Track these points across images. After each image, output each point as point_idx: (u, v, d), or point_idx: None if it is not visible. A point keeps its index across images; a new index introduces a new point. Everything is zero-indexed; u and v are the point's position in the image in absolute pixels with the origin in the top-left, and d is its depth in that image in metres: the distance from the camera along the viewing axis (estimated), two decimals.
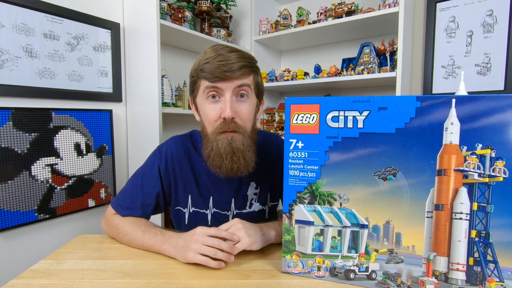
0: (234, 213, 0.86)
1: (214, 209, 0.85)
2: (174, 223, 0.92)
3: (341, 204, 0.59)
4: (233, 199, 0.85)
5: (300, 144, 0.61)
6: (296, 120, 0.60)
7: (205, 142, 0.78)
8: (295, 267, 0.62)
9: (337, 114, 0.58)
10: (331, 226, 0.60)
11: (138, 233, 0.74)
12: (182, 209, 0.86)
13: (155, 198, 0.84)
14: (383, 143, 0.55)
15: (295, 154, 0.61)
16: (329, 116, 0.58)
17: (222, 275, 0.63)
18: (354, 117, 0.57)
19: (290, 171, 0.62)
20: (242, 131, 0.75)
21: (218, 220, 0.85)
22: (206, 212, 0.85)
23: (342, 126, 0.58)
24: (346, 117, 0.57)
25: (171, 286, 0.59)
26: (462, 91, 0.62)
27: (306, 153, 0.60)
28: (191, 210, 0.85)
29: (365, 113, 0.56)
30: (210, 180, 0.84)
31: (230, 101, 0.72)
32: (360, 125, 0.56)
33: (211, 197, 0.85)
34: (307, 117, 0.60)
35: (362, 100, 0.56)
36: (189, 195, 0.85)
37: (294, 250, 0.62)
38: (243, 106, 0.75)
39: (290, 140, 0.61)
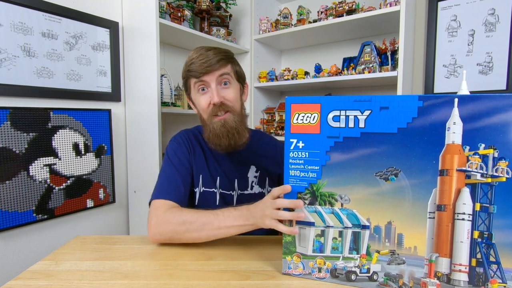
0: (238, 193, 0.94)
1: (220, 189, 0.93)
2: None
3: (342, 204, 0.58)
4: (236, 180, 0.95)
5: (300, 144, 0.60)
6: (297, 119, 0.60)
7: (204, 128, 0.92)
8: (296, 268, 0.62)
9: (338, 114, 0.57)
10: (332, 227, 0.59)
11: (209, 217, 0.72)
12: (194, 189, 0.93)
13: (190, 170, 0.91)
14: (384, 143, 0.55)
15: (295, 154, 0.60)
16: (330, 115, 0.58)
17: (222, 276, 0.62)
18: (355, 116, 0.56)
19: (290, 171, 0.61)
20: (232, 110, 0.89)
21: (225, 200, 0.93)
22: (215, 191, 0.93)
23: (343, 125, 0.57)
24: (347, 117, 0.57)
25: (170, 287, 0.58)
26: (464, 91, 0.61)
27: (307, 153, 0.60)
28: (201, 190, 0.93)
29: (367, 112, 0.55)
30: (218, 162, 0.95)
31: (215, 89, 0.86)
32: (361, 124, 0.56)
33: (218, 178, 0.94)
34: (307, 116, 0.59)
35: (363, 100, 0.55)
36: (200, 175, 0.93)
37: (295, 251, 0.62)
38: (228, 91, 0.89)
39: (291, 140, 0.60)
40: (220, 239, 0.82)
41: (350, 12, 1.57)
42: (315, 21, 1.72)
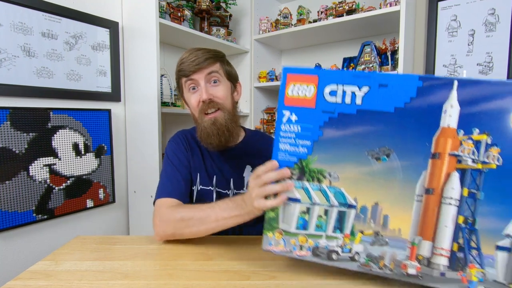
0: (234, 192, 0.95)
1: (217, 188, 0.94)
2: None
3: (330, 182, 0.57)
4: (232, 179, 0.95)
5: (293, 117, 0.58)
6: (292, 91, 0.58)
7: (197, 126, 0.94)
8: (277, 245, 0.60)
9: (336, 88, 0.56)
10: (318, 204, 0.58)
11: (206, 211, 0.74)
12: (192, 187, 0.94)
13: (189, 168, 0.94)
14: (380, 122, 0.54)
15: (287, 128, 0.59)
16: (327, 89, 0.56)
17: (222, 276, 0.62)
18: (353, 92, 0.55)
19: (280, 144, 0.59)
20: (222, 108, 0.90)
21: (221, 198, 0.91)
22: (212, 189, 0.94)
23: (340, 101, 0.56)
24: (344, 92, 0.55)
25: (170, 287, 0.58)
26: None
27: (299, 127, 0.58)
28: (199, 188, 0.94)
29: (365, 89, 0.54)
30: (214, 162, 0.97)
31: (205, 87, 0.88)
32: (358, 101, 0.55)
33: (215, 176, 0.95)
34: (303, 89, 0.57)
35: (363, 76, 0.54)
36: (198, 174, 0.95)
37: (277, 228, 0.60)
38: (217, 88, 0.91)
39: (283, 112, 0.58)
40: (220, 239, 0.82)
41: (350, 12, 1.57)
42: (315, 21, 1.72)
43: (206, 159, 0.97)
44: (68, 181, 1.28)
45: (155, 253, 0.74)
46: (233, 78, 0.98)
